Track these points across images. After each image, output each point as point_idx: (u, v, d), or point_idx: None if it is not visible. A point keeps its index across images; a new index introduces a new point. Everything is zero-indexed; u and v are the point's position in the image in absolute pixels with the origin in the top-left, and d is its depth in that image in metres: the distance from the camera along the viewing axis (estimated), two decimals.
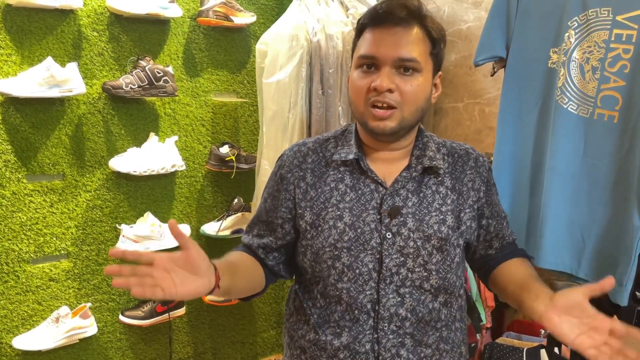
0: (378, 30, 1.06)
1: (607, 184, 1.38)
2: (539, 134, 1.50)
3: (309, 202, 1.12)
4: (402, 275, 1.07)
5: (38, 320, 2.00)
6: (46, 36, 1.92)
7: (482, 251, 1.21)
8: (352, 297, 1.08)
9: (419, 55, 1.05)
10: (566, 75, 1.42)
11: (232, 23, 2.24)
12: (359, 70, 1.08)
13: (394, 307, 1.08)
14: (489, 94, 2.15)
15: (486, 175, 1.18)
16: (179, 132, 2.26)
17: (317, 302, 1.12)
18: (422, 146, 1.14)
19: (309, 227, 1.12)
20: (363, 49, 1.07)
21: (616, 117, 1.36)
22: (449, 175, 1.14)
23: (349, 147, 1.13)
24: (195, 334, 2.43)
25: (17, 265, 1.95)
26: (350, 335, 1.09)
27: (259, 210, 1.22)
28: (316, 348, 1.12)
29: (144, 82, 2.03)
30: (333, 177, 1.12)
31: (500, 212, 1.22)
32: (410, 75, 1.05)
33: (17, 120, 1.90)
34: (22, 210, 1.93)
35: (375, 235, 1.08)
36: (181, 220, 2.31)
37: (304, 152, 1.16)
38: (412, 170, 1.11)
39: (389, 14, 1.04)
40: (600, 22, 1.36)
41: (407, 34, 1.04)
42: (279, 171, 1.18)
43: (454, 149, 1.18)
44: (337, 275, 1.09)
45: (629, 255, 1.32)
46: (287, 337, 1.21)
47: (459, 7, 2.19)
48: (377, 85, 1.03)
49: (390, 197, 1.09)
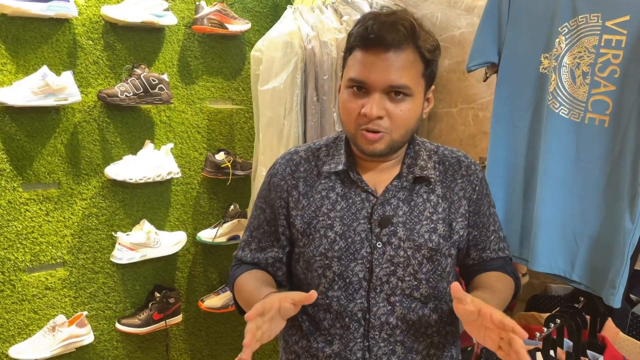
0: (368, 54, 1.02)
1: (599, 187, 1.39)
2: (532, 139, 1.51)
3: (301, 211, 1.12)
4: (392, 284, 1.08)
5: (34, 329, 1.99)
6: (41, 45, 1.93)
7: (462, 260, 1.20)
8: (343, 306, 1.09)
9: (411, 80, 1.03)
10: (557, 80, 1.43)
11: (227, 30, 2.25)
12: (349, 91, 1.06)
13: (384, 316, 1.08)
14: (482, 99, 2.17)
15: (477, 184, 1.16)
16: (175, 139, 2.26)
17: (307, 309, 1.12)
18: (413, 155, 1.14)
19: (300, 235, 1.13)
20: (353, 72, 1.04)
21: (607, 121, 1.37)
22: (440, 184, 1.13)
23: (339, 157, 1.13)
24: (192, 341, 2.43)
25: (13, 274, 1.94)
26: (342, 343, 1.09)
27: (256, 222, 1.21)
28: (309, 355, 1.13)
29: (139, 90, 2.04)
30: (324, 186, 1.13)
31: (488, 225, 1.19)
32: (400, 99, 1.03)
33: (12, 129, 1.90)
34: (17, 219, 1.93)
35: (365, 244, 1.08)
36: (177, 227, 2.31)
37: (297, 161, 1.17)
38: (403, 180, 1.11)
39: (380, 38, 1.00)
40: (590, 27, 1.38)
41: (398, 59, 1.01)
42: (271, 179, 1.18)
43: (446, 157, 1.17)
44: (327, 283, 1.09)
45: (621, 258, 1.33)
46: (282, 341, 1.22)
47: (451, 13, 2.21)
48: (367, 112, 1.02)
49: (381, 207, 1.09)
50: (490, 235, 1.20)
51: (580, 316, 1.50)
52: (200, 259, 2.41)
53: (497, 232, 1.22)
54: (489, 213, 1.20)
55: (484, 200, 1.18)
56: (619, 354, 1.47)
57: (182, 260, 2.36)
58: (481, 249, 1.19)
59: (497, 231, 1.22)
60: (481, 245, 1.19)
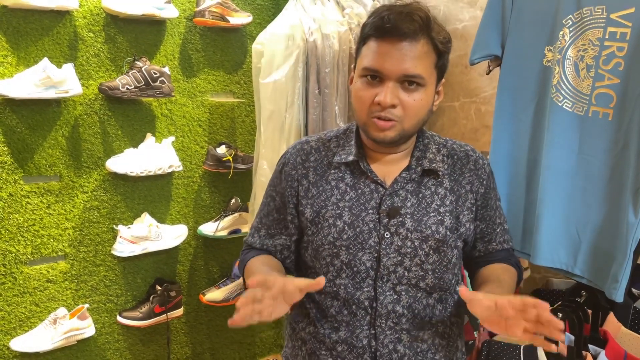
0: (383, 43, 1.04)
1: (602, 180, 1.39)
2: (535, 132, 1.51)
3: (310, 200, 1.14)
4: (399, 273, 1.09)
5: (35, 321, 1.99)
6: (42, 37, 1.92)
7: (468, 252, 1.22)
8: (350, 294, 1.10)
9: (424, 70, 1.05)
10: (561, 73, 1.42)
11: (228, 23, 2.24)
12: (362, 80, 1.07)
13: (391, 305, 1.10)
14: (484, 93, 2.16)
15: (485, 178, 1.19)
16: (176, 132, 2.26)
17: (314, 296, 1.15)
18: (422, 147, 1.16)
19: (309, 223, 1.14)
20: (367, 61, 1.06)
21: (611, 114, 1.36)
22: (447, 177, 1.15)
23: (350, 147, 1.15)
24: (193, 335, 2.43)
25: (14, 266, 1.94)
26: (348, 330, 1.11)
27: (266, 209, 1.23)
28: (315, 340, 1.15)
29: (141, 82, 2.03)
30: (334, 176, 1.14)
31: (495, 218, 1.22)
32: (414, 89, 1.05)
33: (13, 121, 1.90)
34: (19, 211, 1.93)
35: (373, 234, 1.09)
36: (178, 220, 2.31)
37: (307, 150, 1.19)
38: (412, 172, 1.13)
39: (395, 27, 1.02)
40: (594, 20, 1.37)
41: (413, 49, 1.03)
42: (283, 168, 1.20)
43: (454, 151, 1.19)
44: (335, 272, 1.11)
45: (623, 252, 1.33)
46: (288, 328, 1.24)
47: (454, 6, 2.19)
48: (380, 100, 1.04)
49: (390, 198, 1.11)
50: (496, 227, 1.22)
51: (581, 310, 1.50)
52: (202, 253, 2.41)
53: (502, 225, 1.24)
54: (496, 206, 1.22)
55: (491, 194, 1.20)
56: (620, 348, 1.47)
57: (183, 253, 2.36)
58: (487, 241, 1.22)
59: (503, 224, 1.25)
60: (487, 237, 1.22)
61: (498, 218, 1.23)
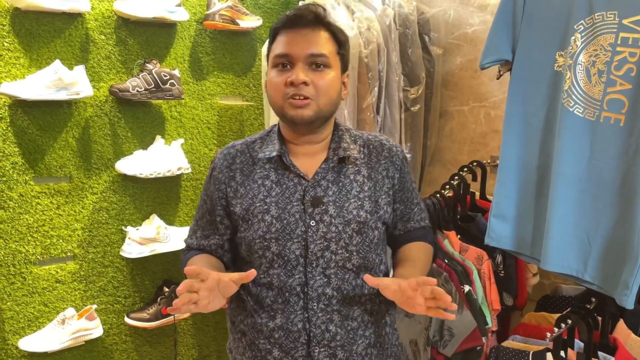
0: (290, 32, 1.19)
1: (613, 186, 1.38)
2: (545, 137, 1.50)
3: (239, 199, 1.23)
4: (327, 258, 1.18)
5: (44, 322, 2.01)
6: (54, 39, 1.94)
7: (390, 232, 1.33)
8: (283, 282, 1.19)
9: (328, 52, 1.19)
10: (572, 79, 1.42)
11: (238, 27, 2.25)
12: (275, 70, 1.20)
13: (321, 288, 1.19)
14: (494, 97, 2.16)
15: (399, 164, 1.30)
16: (185, 135, 2.27)
17: (250, 289, 1.23)
18: (337, 139, 1.27)
19: (240, 221, 1.23)
20: (278, 49, 1.19)
21: (622, 120, 1.35)
22: (365, 165, 1.26)
23: (273, 145, 1.25)
24: (200, 337, 2.44)
25: (23, 267, 1.96)
26: (284, 316, 1.19)
27: (200, 212, 1.33)
28: (254, 331, 1.23)
29: (151, 85, 2.05)
30: (260, 175, 1.24)
31: (412, 199, 1.34)
32: (321, 70, 1.18)
33: (24, 122, 1.91)
34: (29, 212, 1.95)
35: (300, 224, 1.18)
36: (186, 222, 2.32)
37: (233, 154, 1.28)
38: (330, 162, 1.23)
39: (299, 17, 1.19)
40: (606, 25, 1.36)
41: (315, 35, 1.19)
42: (212, 173, 1.29)
43: (370, 141, 1.30)
44: (268, 263, 1.20)
45: (634, 258, 1.31)
46: (229, 322, 1.33)
47: (464, 11, 2.19)
48: (293, 79, 1.15)
49: (312, 189, 1.21)
50: (414, 207, 1.35)
51: (591, 317, 1.49)
52: None
53: (419, 205, 1.37)
54: (412, 188, 1.35)
55: (406, 177, 1.32)
56: (630, 355, 1.46)
57: None
58: (406, 220, 1.34)
59: (419, 203, 1.37)
60: (406, 217, 1.34)
61: (415, 199, 1.35)
